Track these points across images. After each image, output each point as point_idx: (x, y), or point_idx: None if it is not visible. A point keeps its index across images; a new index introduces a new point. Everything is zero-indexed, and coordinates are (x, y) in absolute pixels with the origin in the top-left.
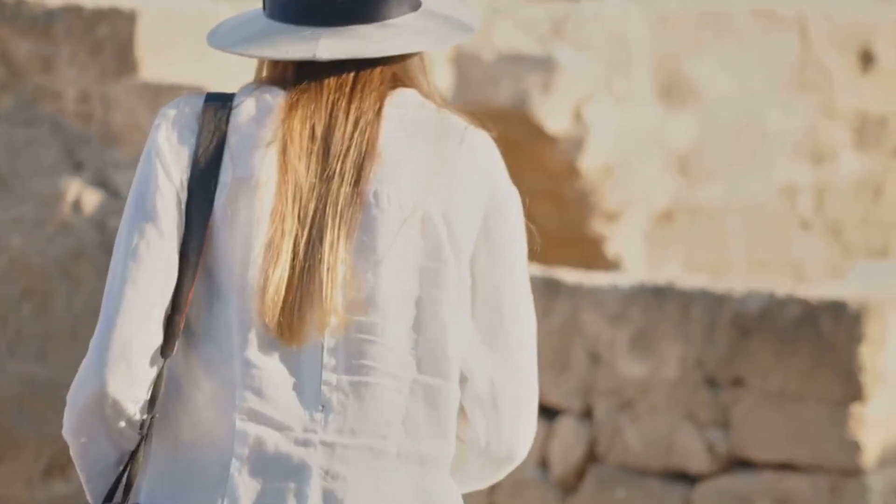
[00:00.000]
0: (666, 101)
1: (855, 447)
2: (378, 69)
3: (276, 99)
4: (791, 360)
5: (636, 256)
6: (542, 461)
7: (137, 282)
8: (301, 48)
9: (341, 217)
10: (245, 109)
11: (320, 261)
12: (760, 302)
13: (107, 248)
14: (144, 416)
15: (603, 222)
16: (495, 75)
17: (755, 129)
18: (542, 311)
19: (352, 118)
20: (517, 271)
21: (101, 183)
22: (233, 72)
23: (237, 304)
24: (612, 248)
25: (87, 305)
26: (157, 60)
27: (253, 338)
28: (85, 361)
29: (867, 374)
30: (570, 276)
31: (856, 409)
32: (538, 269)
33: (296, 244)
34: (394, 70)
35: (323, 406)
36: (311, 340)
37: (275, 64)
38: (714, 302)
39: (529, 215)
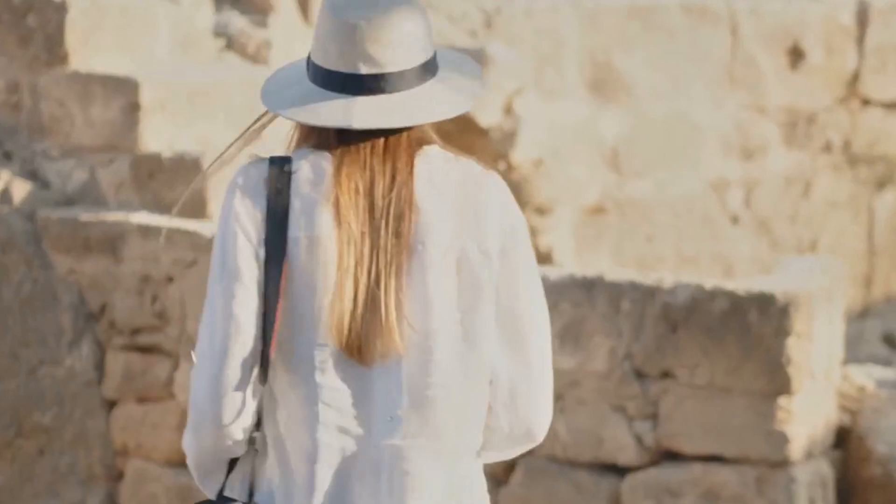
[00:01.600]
0: (596, 96)
1: (782, 440)
2: (405, 134)
3: (325, 163)
4: (719, 353)
5: (566, 250)
6: None
7: (233, 335)
8: (339, 117)
9: (390, 260)
10: (303, 174)
11: (378, 296)
12: (689, 295)
13: (35, 238)
14: (255, 433)
15: (533, 216)
16: None
17: (685, 124)
18: None
19: (388, 176)
20: (531, 286)
21: (31, 173)
22: (158, 64)
23: (312, 336)
24: (542, 242)
25: (16, 295)
26: (86, 51)
27: (328, 361)
28: (198, 402)
29: (794, 368)
30: None
31: (783, 401)
32: None
33: (356, 284)
34: (417, 133)
35: (391, 417)
36: (378, 361)
37: (318, 128)
38: (643, 295)
39: None
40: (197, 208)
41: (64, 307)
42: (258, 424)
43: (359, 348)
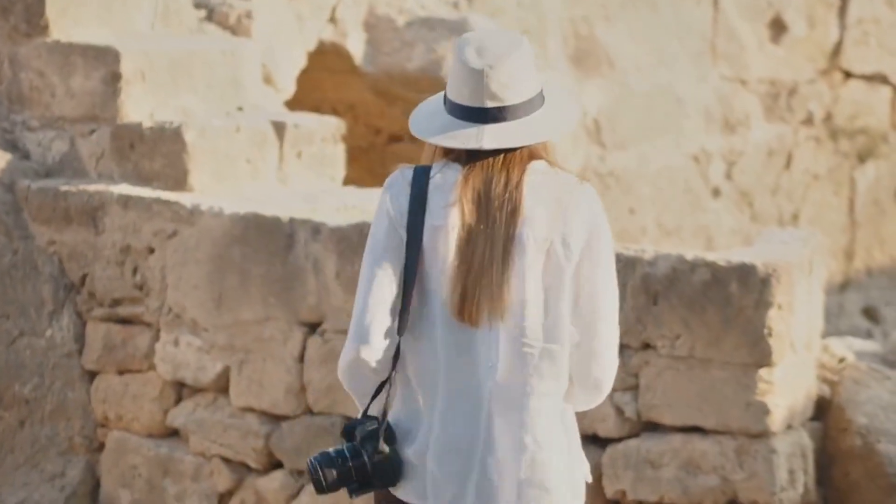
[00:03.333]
0: (579, 68)
1: (762, 411)
2: (519, 151)
3: (455, 174)
4: (699, 325)
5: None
6: None
7: (374, 295)
8: (472, 140)
9: (500, 249)
10: (438, 180)
11: (489, 274)
12: (669, 266)
13: (15, 209)
14: (391, 372)
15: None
16: (409, 40)
17: (667, 96)
18: None
19: (502, 183)
20: (607, 275)
21: (11, 144)
22: (139, 34)
23: (438, 303)
24: None
25: None
26: (66, 21)
27: (447, 320)
28: (348, 337)
29: (774, 339)
30: None
31: (763, 373)
32: None
33: (472, 264)
34: (529, 150)
35: (491, 365)
36: (484, 324)
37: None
38: (623, 266)
39: None
40: (178, 180)
41: (44, 278)
42: (394, 367)
43: (470, 313)
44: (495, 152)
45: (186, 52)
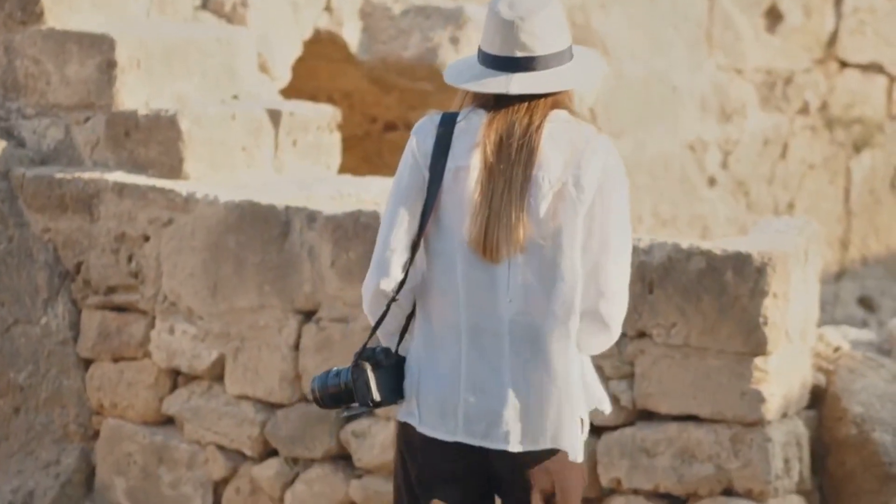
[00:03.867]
0: None
1: (757, 399)
2: (543, 99)
3: (481, 118)
4: (695, 313)
5: None
6: None
7: (396, 231)
8: (500, 86)
9: (517, 188)
10: (464, 125)
11: (507, 212)
12: (665, 254)
13: (11, 196)
14: (409, 309)
15: None
16: (405, 28)
17: (663, 85)
18: None
19: (523, 128)
20: (620, 217)
21: (6, 131)
22: (134, 22)
23: (457, 237)
24: None
25: None
26: (62, 9)
27: (467, 257)
28: (368, 271)
29: (770, 328)
30: None
31: (758, 361)
32: None
33: (491, 202)
34: (554, 99)
35: (511, 299)
36: (502, 259)
37: (483, 94)
38: None
39: None
40: (173, 168)
41: (39, 265)
42: (414, 305)
43: (490, 249)
44: (521, 98)
45: (182, 40)
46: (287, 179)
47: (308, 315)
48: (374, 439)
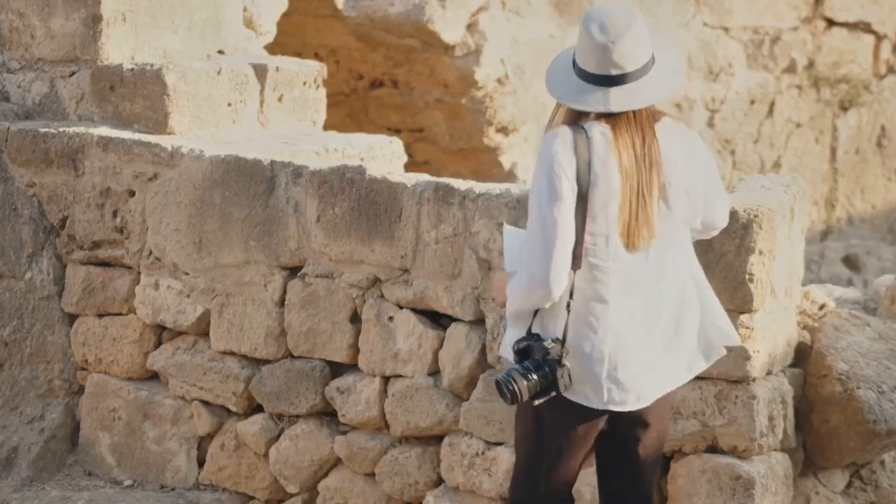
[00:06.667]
0: (561, 15)
1: (742, 356)
2: (645, 110)
3: (606, 130)
4: None
5: (530, 168)
6: (433, 368)
7: (559, 236)
8: (601, 103)
9: (649, 188)
10: (596, 139)
11: (646, 211)
12: None
13: None
14: (568, 299)
15: (497, 134)
16: None
17: None
18: (435, 219)
19: (641, 138)
20: (716, 178)
21: None
22: None
23: (605, 235)
24: (506, 160)
25: None
26: None
27: (613, 251)
28: (535, 275)
29: (755, 285)
30: (462, 183)
31: (744, 318)
32: (430, 178)
33: (631, 204)
34: (651, 108)
35: (654, 286)
36: (643, 248)
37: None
38: None
39: (424, 126)
40: (158, 123)
41: (24, 220)
42: (570, 296)
43: (633, 241)
44: (625, 111)
45: None
46: (272, 134)
47: (293, 271)
48: (359, 395)
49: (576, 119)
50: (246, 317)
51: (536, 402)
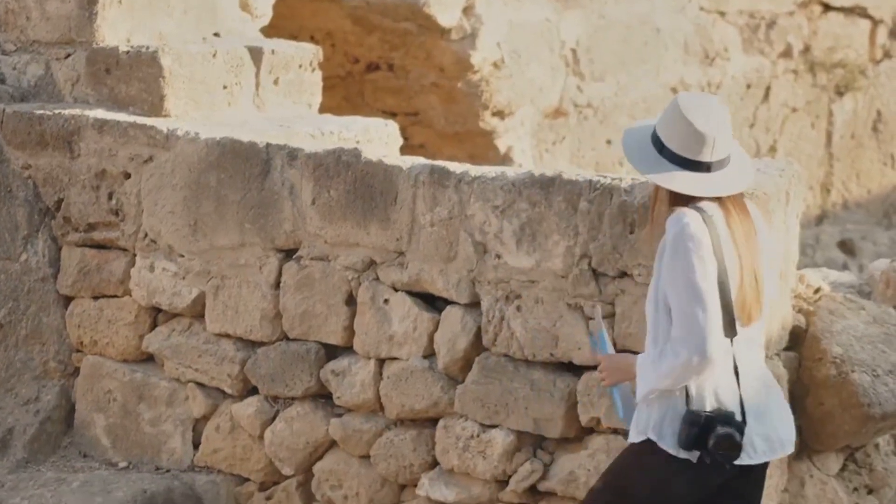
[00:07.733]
0: (556, 0)
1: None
2: (741, 193)
3: (717, 213)
4: None
5: (525, 152)
6: (428, 351)
7: (713, 307)
8: (706, 189)
9: (756, 263)
10: (717, 221)
11: (755, 289)
12: (646, 194)
13: None
14: (734, 364)
15: (493, 117)
16: None
17: (646, 27)
18: (430, 202)
19: (744, 220)
20: (776, 260)
21: None
22: None
23: (729, 309)
24: (501, 144)
25: None
26: None
27: (734, 322)
28: (690, 350)
29: None
30: (457, 166)
31: None
32: (426, 161)
33: (744, 280)
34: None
35: (759, 350)
36: (755, 322)
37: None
38: (600, 194)
39: (420, 109)
40: (154, 105)
41: (19, 202)
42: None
43: (748, 315)
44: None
45: None
46: (268, 117)
47: (289, 253)
48: (354, 378)
49: (680, 200)
50: (241, 299)
51: (728, 466)
